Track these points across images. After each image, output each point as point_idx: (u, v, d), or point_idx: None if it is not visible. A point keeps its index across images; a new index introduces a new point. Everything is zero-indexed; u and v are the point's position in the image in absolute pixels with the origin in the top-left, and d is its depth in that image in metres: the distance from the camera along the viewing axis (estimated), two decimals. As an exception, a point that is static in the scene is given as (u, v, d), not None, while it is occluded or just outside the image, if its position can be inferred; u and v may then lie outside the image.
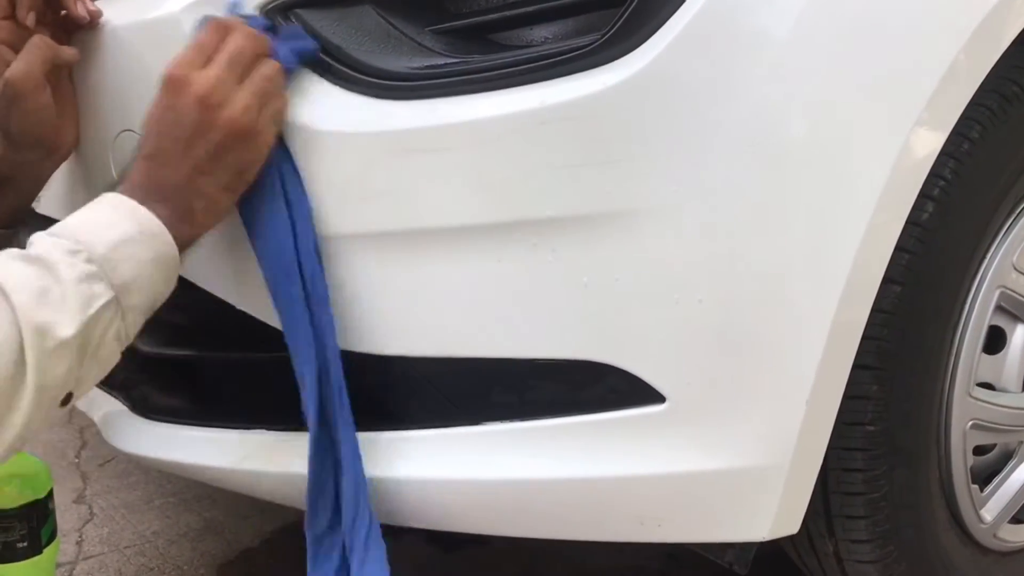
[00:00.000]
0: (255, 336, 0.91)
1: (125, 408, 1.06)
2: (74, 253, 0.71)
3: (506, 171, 0.77)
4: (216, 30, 0.80)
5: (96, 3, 0.93)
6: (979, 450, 1.04)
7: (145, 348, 1.03)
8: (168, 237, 0.76)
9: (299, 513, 0.87)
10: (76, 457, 1.70)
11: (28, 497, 1.12)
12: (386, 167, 0.79)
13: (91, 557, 1.41)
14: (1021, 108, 0.93)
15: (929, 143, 0.82)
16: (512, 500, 0.85)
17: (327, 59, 0.81)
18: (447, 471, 0.84)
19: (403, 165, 0.79)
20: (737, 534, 0.85)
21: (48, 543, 1.14)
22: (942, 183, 0.86)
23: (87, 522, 1.51)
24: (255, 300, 0.87)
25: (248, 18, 0.82)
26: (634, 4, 0.76)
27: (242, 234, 0.84)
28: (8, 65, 0.88)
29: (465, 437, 0.85)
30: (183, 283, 0.92)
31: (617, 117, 0.76)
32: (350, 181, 0.81)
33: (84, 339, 0.70)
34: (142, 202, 0.76)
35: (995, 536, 1.07)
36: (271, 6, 0.83)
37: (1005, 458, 1.08)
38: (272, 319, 0.85)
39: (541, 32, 0.81)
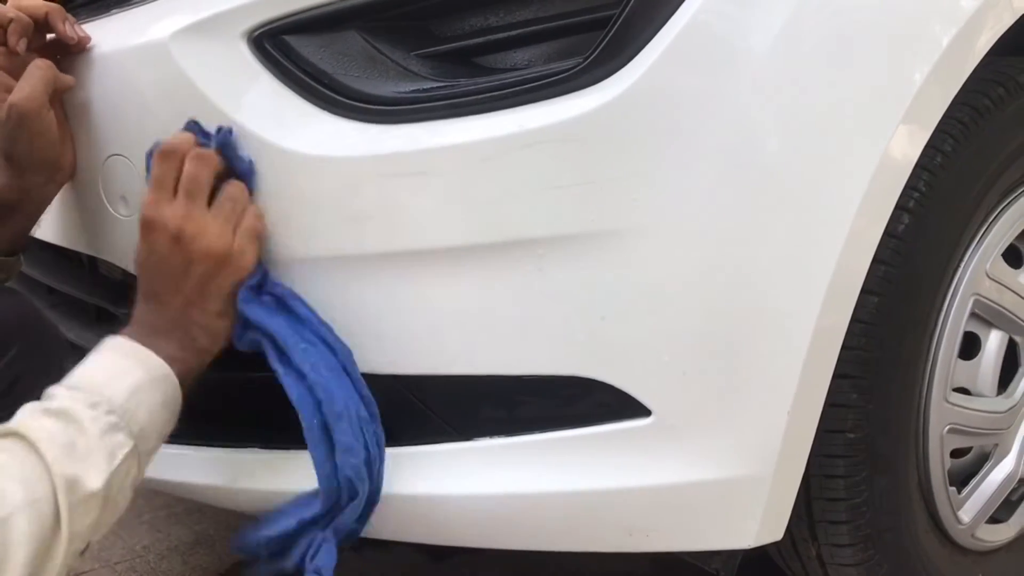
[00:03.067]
0: (245, 355, 0.92)
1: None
2: (95, 405, 0.74)
3: (493, 193, 0.78)
4: (166, 159, 0.82)
5: (83, 28, 0.94)
6: (956, 453, 1.06)
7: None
8: (173, 378, 0.80)
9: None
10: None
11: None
12: (374, 190, 0.81)
13: (81, 574, 1.41)
14: (992, 120, 0.95)
15: (905, 156, 0.84)
16: (503, 514, 0.87)
17: (314, 84, 0.82)
18: (439, 486, 0.86)
19: (391, 188, 0.80)
20: (724, 542, 0.86)
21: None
22: (917, 195, 0.88)
23: (76, 538, 1.51)
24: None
25: (197, 131, 0.84)
26: (615, 28, 0.77)
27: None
28: (7, 90, 0.89)
29: (456, 453, 0.86)
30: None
31: (601, 138, 0.77)
32: (338, 204, 0.82)
33: (108, 489, 0.73)
34: (147, 341, 0.80)
35: (973, 536, 1.10)
36: (259, 32, 0.84)
37: (981, 460, 1.10)
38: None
39: (525, 55, 0.82)
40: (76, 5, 0.99)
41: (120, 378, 0.77)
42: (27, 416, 0.73)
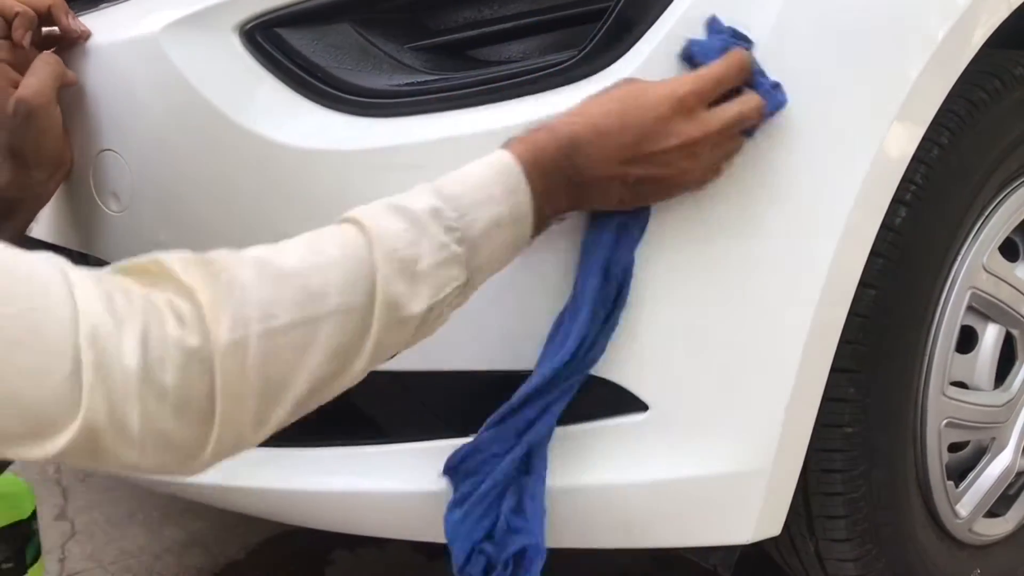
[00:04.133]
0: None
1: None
2: (451, 231, 0.68)
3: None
4: (737, 73, 0.76)
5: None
6: (953, 447, 1.06)
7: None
8: (531, 223, 0.73)
9: (284, 525, 0.87)
10: (56, 472, 1.69)
11: (12, 518, 1.12)
12: (366, 183, 0.80)
13: (75, 574, 1.41)
14: (989, 113, 0.95)
15: (902, 149, 0.84)
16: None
17: (307, 77, 0.82)
18: (437, 483, 0.85)
19: (385, 182, 0.79)
20: (721, 537, 0.86)
21: (32, 563, 1.14)
22: (914, 188, 0.88)
23: (69, 539, 1.50)
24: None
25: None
26: (610, 20, 0.77)
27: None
28: (13, 84, 0.88)
29: (452, 449, 0.85)
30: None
31: (596, 131, 0.77)
32: (331, 198, 0.81)
33: (427, 314, 0.69)
34: (547, 162, 0.72)
35: (971, 530, 1.09)
36: (251, 25, 0.83)
37: (978, 454, 1.10)
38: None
39: (519, 48, 0.82)
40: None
41: (487, 207, 0.70)
42: (380, 205, 0.68)
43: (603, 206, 0.77)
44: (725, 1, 0.78)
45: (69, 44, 0.93)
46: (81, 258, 1.10)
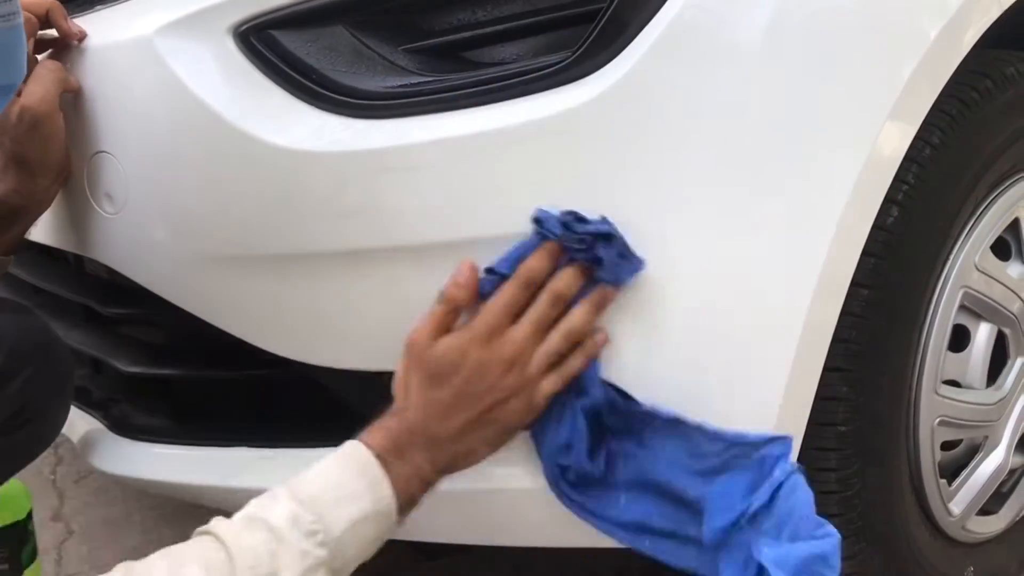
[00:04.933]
0: (233, 354, 0.92)
1: (104, 428, 1.06)
2: (311, 535, 0.69)
3: (481, 188, 0.78)
4: (524, 288, 0.77)
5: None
6: (946, 446, 1.06)
7: (124, 367, 1.03)
8: (394, 516, 0.74)
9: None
10: (52, 474, 1.69)
11: (8, 519, 1.12)
12: (361, 186, 0.80)
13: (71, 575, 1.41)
14: (979, 113, 0.95)
15: (894, 148, 0.84)
16: (498, 509, 0.87)
17: (301, 79, 0.82)
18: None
19: (378, 183, 0.80)
20: (716, 536, 0.86)
21: (29, 564, 1.14)
22: (906, 188, 0.88)
23: (65, 540, 1.50)
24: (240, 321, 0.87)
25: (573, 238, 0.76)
26: (603, 22, 0.77)
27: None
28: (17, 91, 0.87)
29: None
30: (162, 303, 0.92)
31: (590, 132, 0.77)
32: (326, 200, 0.81)
33: None
34: (398, 448, 0.74)
35: (964, 528, 1.10)
36: (245, 27, 0.83)
37: (971, 452, 1.10)
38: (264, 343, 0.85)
39: (513, 50, 0.82)
40: (62, 1, 0.98)
41: (350, 504, 0.71)
42: (240, 520, 0.69)
43: (477, 457, 0.78)
44: (718, 3, 0.78)
45: (64, 46, 0.93)
46: (76, 260, 1.10)
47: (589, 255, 0.76)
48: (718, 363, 0.81)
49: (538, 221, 0.77)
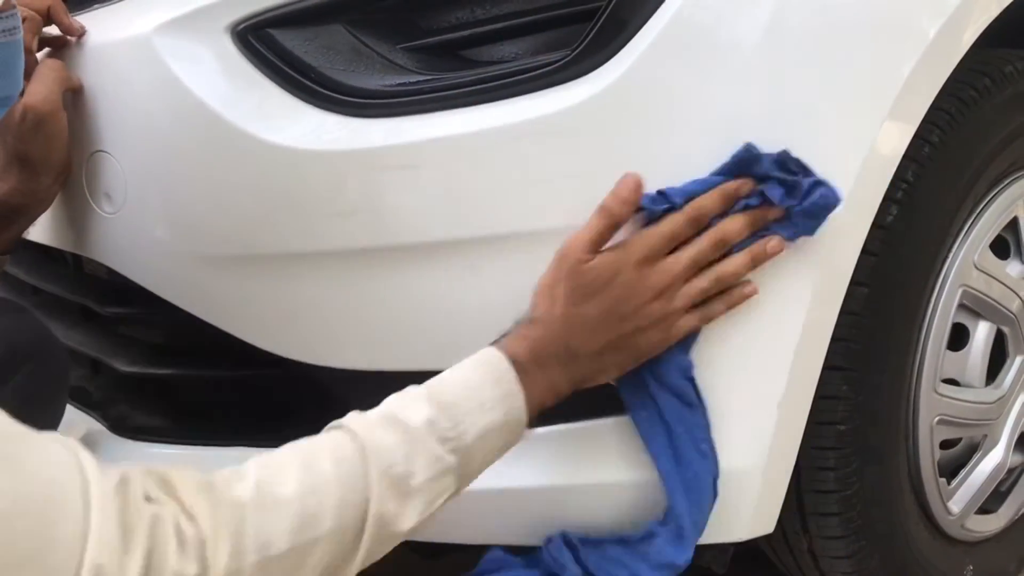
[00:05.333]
0: (232, 354, 0.92)
1: (103, 427, 1.06)
2: (445, 441, 0.69)
3: (481, 186, 0.79)
4: (692, 222, 0.77)
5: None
6: (945, 444, 1.06)
7: (123, 367, 1.03)
8: (523, 426, 0.75)
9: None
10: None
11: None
12: (360, 184, 0.81)
13: None
14: (978, 111, 0.95)
15: (893, 147, 0.84)
16: (498, 509, 0.87)
17: (300, 78, 0.82)
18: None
19: (377, 182, 0.80)
20: (715, 536, 0.86)
21: None
22: (905, 186, 0.88)
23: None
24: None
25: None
26: (602, 20, 0.78)
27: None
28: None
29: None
30: (161, 303, 0.92)
31: (590, 130, 0.78)
32: (324, 199, 0.82)
33: (416, 527, 0.70)
34: (536, 360, 0.74)
35: (963, 527, 1.10)
36: (243, 26, 0.83)
37: (970, 451, 1.10)
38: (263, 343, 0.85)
39: (512, 48, 0.83)
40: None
41: (481, 413, 0.71)
42: (377, 418, 0.69)
43: (605, 376, 0.79)
44: (717, 1, 0.78)
45: (63, 44, 0.93)
46: (74, 259, 1.10)
47: (776, 200, 0.76)
48: (718, 363, 0.81)
49: (748, 152, 0.76)
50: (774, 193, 0.77)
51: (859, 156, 0.81)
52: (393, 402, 0.71)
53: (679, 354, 0.80)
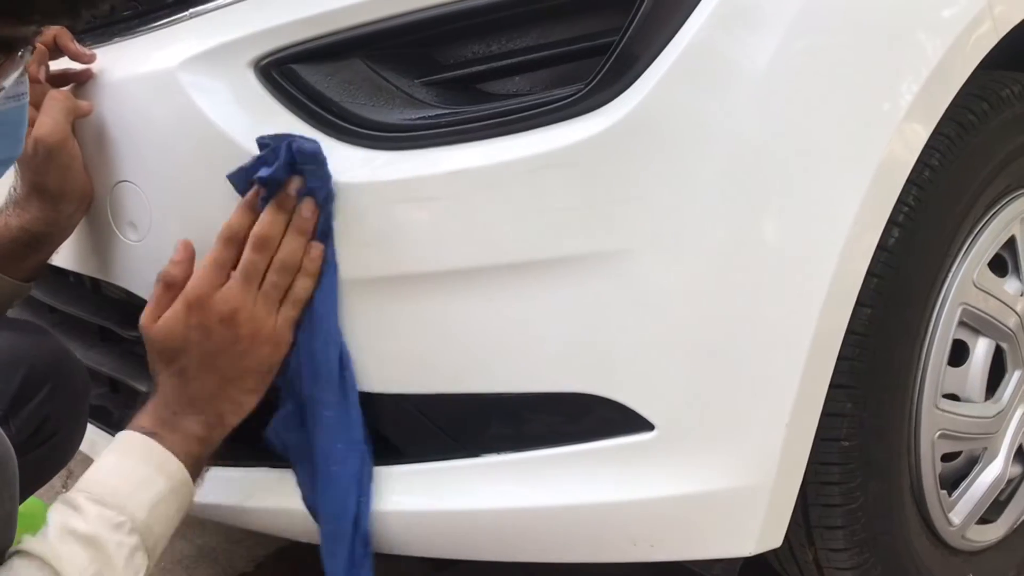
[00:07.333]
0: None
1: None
2: (119, 527, 0.74)
3: (499, 217, 0.80)
4: (228, 245, 0.82)
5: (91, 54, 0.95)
6: (946, 457, 1.08)
7: (141, 387, 1.05)
8: (190, 483, 0.80)
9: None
10: (63, 487, 1.69)
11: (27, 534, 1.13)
12: (382, 215, 0.82)
13: (84, 588, 1.42)
14: (977, 135, 0.97)
15: (897, 172, 0.86)
16: (511, 527, 0.89)
17: (322, 112, 0.84)
18: (448, 502, 0.87)
19: (398, 214, 0.82)
20: (725, 550, 0.88)
21: (48, 581, 1.15)
22: (907, 209, 0.90)
23: (78, 553, 1.51)
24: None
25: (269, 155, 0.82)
26: (615, 54, 0.79)
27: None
28: (31, 121, 0.89)
29: (463, 469, 0.88)
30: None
31: (603, 162, 0.79)
32: (346, 230, 0.83)
33: None
34: (172, 423, 0.80)
35: (964, 537, 1.12)
36: (266, 61, 0.85)
37: (971, 463, 1.12)
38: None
39: (528, 81, 0.84)
40: (78, 33, 0.99)
41: (143, 489, 0.77)
42: (55, 539, 0.73)
43: (248, 402, 0.84)
44: (726, 35, 0.80)
45: (84, 77, 0.94)
46: (92, 282, 1.12)
47: (266, 177, 0.81)
48: (728, 384, 0.83)
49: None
50: (262, 174, 0.81)
51: (865, 181, 0.83)
52: (59, 515, 0.75)
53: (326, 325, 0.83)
